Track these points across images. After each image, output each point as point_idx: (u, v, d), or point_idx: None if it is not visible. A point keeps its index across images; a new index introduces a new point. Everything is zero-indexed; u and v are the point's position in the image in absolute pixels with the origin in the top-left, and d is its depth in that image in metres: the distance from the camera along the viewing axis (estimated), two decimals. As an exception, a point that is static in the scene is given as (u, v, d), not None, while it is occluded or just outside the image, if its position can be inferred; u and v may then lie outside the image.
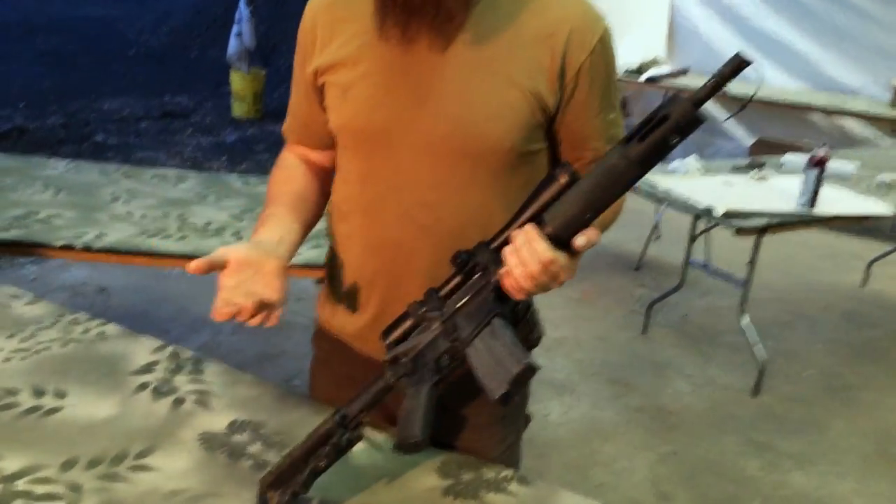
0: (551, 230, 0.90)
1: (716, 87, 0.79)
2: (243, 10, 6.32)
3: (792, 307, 3.85)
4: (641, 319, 3.48)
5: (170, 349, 1.36)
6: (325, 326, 1.27)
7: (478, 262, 0.95)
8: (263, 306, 0.97)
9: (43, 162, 2.50)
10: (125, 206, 2.16)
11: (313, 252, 1.89)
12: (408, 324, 1.00)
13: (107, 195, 2.23)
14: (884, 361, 3.38)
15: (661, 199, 2.87)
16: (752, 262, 2.88)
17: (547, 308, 1.11)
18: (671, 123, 0.81)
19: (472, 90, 1.03)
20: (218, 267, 0.98)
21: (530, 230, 0.90)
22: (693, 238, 3.24)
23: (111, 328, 1.43)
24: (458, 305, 0.96)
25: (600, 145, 1.11)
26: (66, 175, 2.37)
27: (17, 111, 6.01)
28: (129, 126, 6.02)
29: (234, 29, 6.35)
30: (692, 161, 3.13)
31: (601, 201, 0.87)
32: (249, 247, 1.02)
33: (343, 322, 1.22)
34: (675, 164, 3.14)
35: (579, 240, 0.89)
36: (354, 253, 1.17)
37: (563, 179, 0.89)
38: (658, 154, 0.83)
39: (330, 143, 1.18)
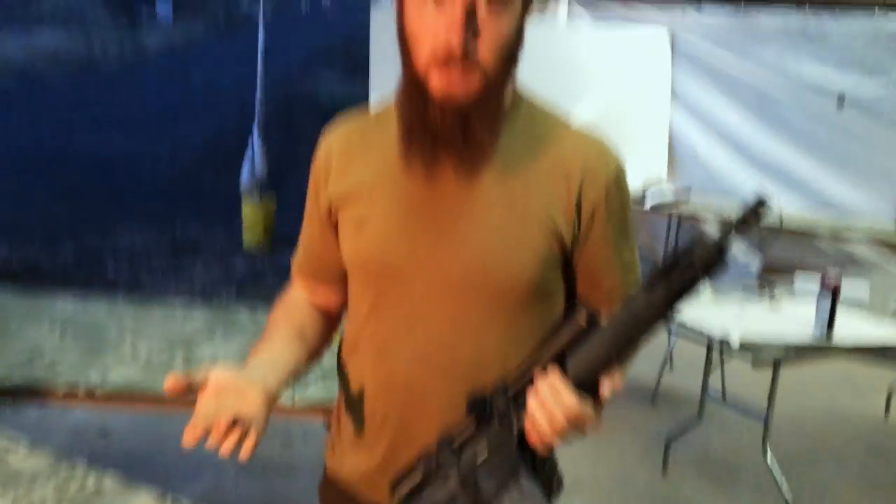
0: (575, 378, 0.87)
1: (738, 229, 0.81)
2: (255, 140, 6.50)
3: (815, 440, 3.71)
4: (660, 455, 3.34)
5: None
6: (332, 475, 1.20)
7: (495, 409, 0.91)
8: (238, 424, 0.91)
9: (51, 300, 2.49)
10: (131, 344, 2.13)
11: (322, 391, 1.84)
12: (419, 476, 0.94)
13: (113, 333, 2.20)
14: (916, 498, 3.22)
15: (673, 331, 2.82)
16: (771, 396, 2.80)
17: (562, 446, 1.06)
18: (696, 268, 0.82)
19: (492, 224, 1.02)
20: (196, 388, 0.93)
21: (556, 380, 0.87)
22: (709, 369, 3.17)
23: (108, 482, 1.37)
24: (478, 461, 0.91)
25: (616, 282, 1.09)
26: (73, 314, 2.35)
27: (31, 246, 6.08)
28: (140, 259, 6.07)
29: (247, 158, 6.51)
30: (702, 286, 3.10)
31: (626, 347, 0.86)
32: (235, 371, 0.97)
33: (352, 467, 1.16)
34: (686, 293, 3.11)
35: (605, 388, 0.87)
36: (364, 392, 1.12)
37: (582, 321, 0.87)
38: (683, 298, 0.84)
39: (341, 279, 1.15)
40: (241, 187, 6.51)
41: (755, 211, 0.81)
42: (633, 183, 4.26)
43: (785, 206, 5.60)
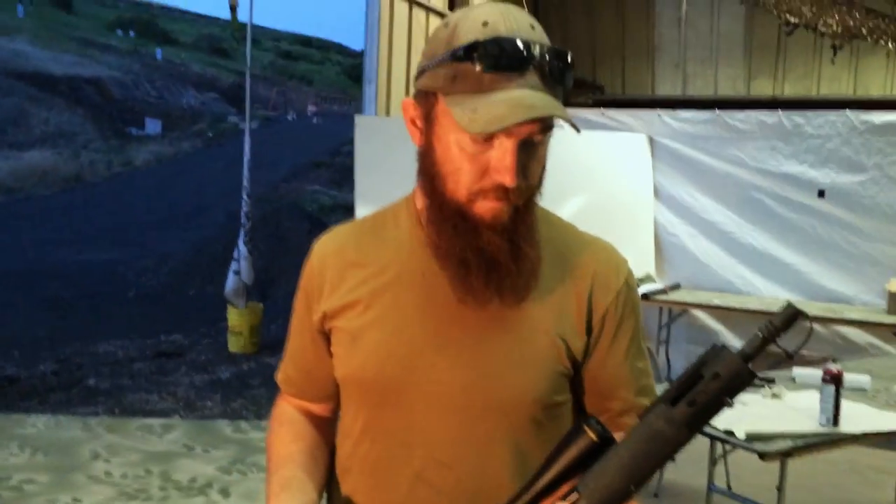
0: (590, 501, 0.78)
1: (766, 341, 0.75)
2: (241, 248, 6.50)
3: (827, 532, 3.55)
4: (668, 556, 3.18)
5: None
6: None
7: None
8: None
9: (23, 419, 2.38)
10: (105, 464, 2.02)
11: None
12: None
13: (86, 453, 2.09)
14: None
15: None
16: (780, 488, 2.68)
17: None
18: (722, 384, 0.74)
19: (496, 337, 0.96)
20: None
21: None
22: (713, 462, 3.05)
23: None
24: None
25: (629, 395, 1.03)
26: (45, 432, 2.24)
27: (10, 359, 5.96)
28: (122, 368, 5.94)
29: (233, 266, 6.48)
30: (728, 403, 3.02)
31: (646, 471, 0.78)
32: None
33: None
34: (684, 384, 3.03)
35: None
36: None
37: (592, 436, 0.79)
38: (709, 417, 0.76)
39: (333, 395, 1.08)
40: (226, 294, 6.45)
41: (786, 320, 0.75)
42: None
43: (776, 296, 5.61)
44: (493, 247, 0.94)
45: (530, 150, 0.93)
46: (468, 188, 0.93)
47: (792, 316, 0.74)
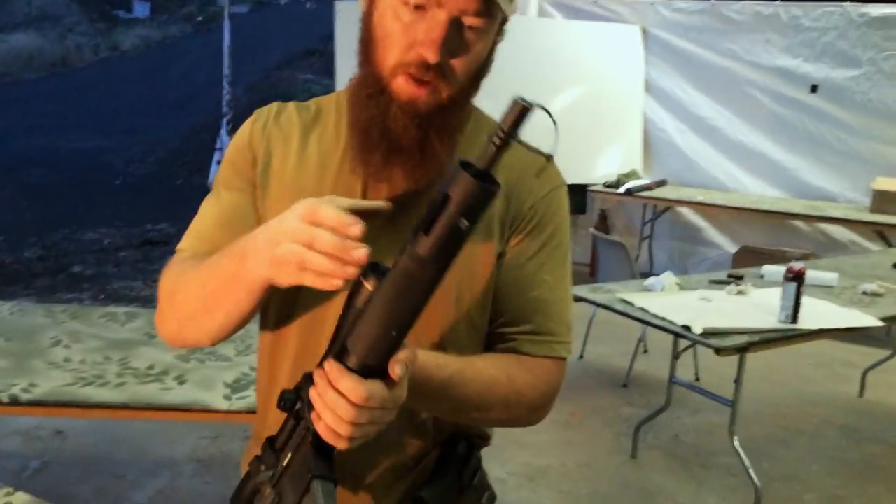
0: (356, 361, 0.74)
1: (499, 148, 0.67)
2: (224, 138, 6.43)
3: (787, 422, 3.68)
4: (630, 441, 3.30)
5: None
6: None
7: (304, 402, 0.79)
8: None
9: (-13, 306, 2.40)
10: (65, 350, 2.05)
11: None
12: (248, 487, 0.87)
13: (47, 340, 2.12)
14: (887, 479, 3.18)
15: (638, 318, 2.76)
16: (737, 382, 2.75)
17: (531, 433, 1.01)
18: (455, 208, 0.67)
19: (408, 224, 0.94)
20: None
21: (329, 367, 0.74)
22: (676, 356, 3.12)
23: (20, 498, 1.30)
24: (284, 463, 0.82)
25: (539, 298, 1.00)
26: (9, 318, 2.27)
27: (-2, 245, 5.98)
28: (108, 256, 5.98)
29: (216, 155, 6.43)
30: (668, 277, 3.05)
31: (404, 314, 0.72)
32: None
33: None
34: (651, 280, 3.05)
35: (396, 368, 0.73)
36: (268, 414, 1.03)
37: (370, 287, 0.73)
38: (453, 244, 0.69)
39: None
40: (209, 183, 6.43)
41: (515, 117, 0.66)
42: (609, 171, 4.23)
43: (762, 193, 5.59)
44: (399, 128, 0.91)
45: (464, 37, 0.89)
46: (393, 59, 0.89)
47: (521, 112, 0.66)
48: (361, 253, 0.72)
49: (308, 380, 0.78)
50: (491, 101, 1.01)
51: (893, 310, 2.94)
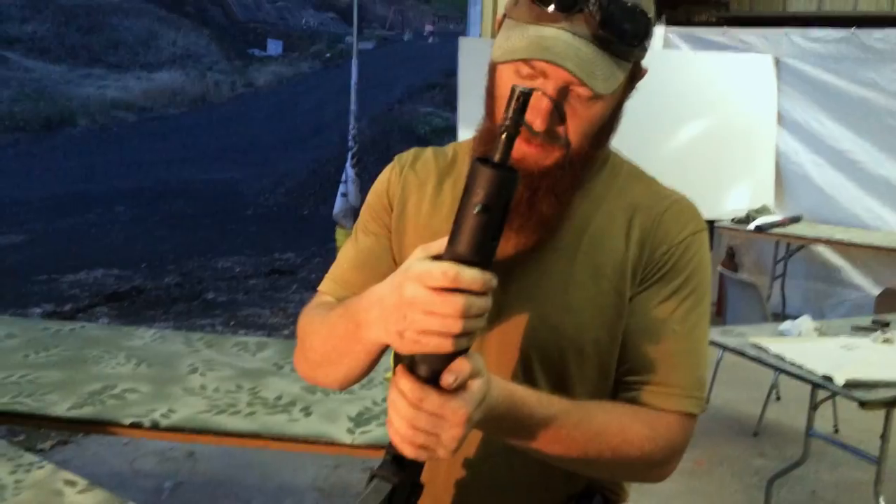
0: (423, 369, 0.75)
1: (508, 135, 0.70)
2: (349, 170, 6.61)
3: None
4: (762, 495, 3.11)
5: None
6: None
7: None
8: None
9: (131, 332, 2.55)
10: (201, 377, 2.14)
11: (382, 430, 1.79)
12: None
13: (185, 367, 2.22)
14: None
15: (773, 366, 2.61)
16: (883, 437, 2.54)
17: (638, 482, 0.97)
18: (477, 198, 0.71)
19: (553, 278, 0.95)
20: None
21: (398, 371, 0.76)
22: (814, 407, 2.92)
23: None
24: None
25: (669, 350, 0.96)
26: (150, 345, 2.39)
27: (139, 271, 6.38)
28: (239, 284, 6.26)
29: (341, 188, 6.62)
30: (805, 321, 2.87)
31: None
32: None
33: None
34: (787, 324, 2.88)
35: (447, 377, 0.73)
36: None
37: None
38: (485, 234, 0.71)
39: None
40: (334, 215, 6.62)
41: (520, 106, 0.69)
42: (738, 207, 4.03)
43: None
44: None
45: (576, 104, 0.88)
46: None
47: (520, 98, 0.69)
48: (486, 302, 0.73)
49: None
50: (616, 138, 1.00)
51: None
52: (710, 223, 5.38)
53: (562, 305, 0.94)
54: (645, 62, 0.94)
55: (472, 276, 0.70)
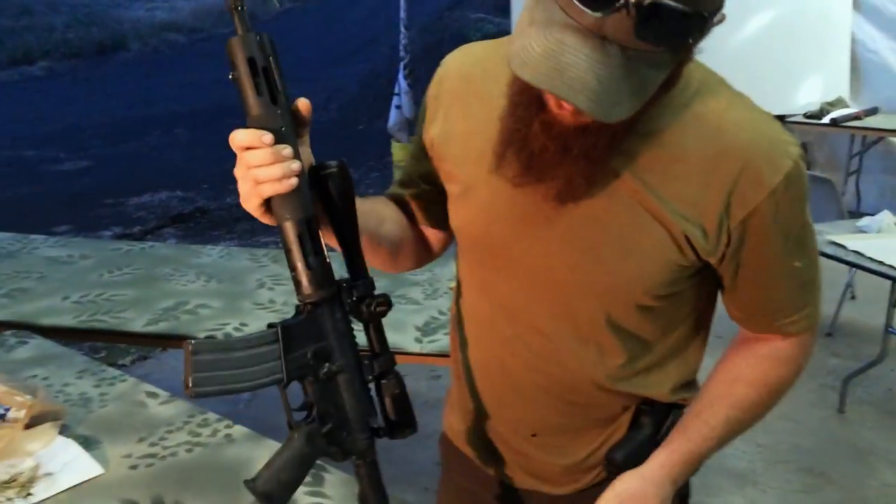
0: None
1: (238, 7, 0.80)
2: (402, 83, 6.50)
3: None
4: (837, 395, 3.06)
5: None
6: (445, 424, 1.18)
7: None
8: None
9: (199, 250, 2.58)
10: (269, 292, 2.16)
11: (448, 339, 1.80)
12: None
13: (253, 282, 2.24)
14: None
15: (852, 263, 2.51)
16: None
17: None
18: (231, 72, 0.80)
19: (610, 220, 0.86)
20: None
21: None
22: (894, 304, 2.82)
23: (238, 430, 1.39)
24: None
25: (783, 300, 0.94)
26: (218, 262, 2.42)
27: (201, 192, 6.48)
28: (298, 201, 6.31)
29: (394, 100, 6.53)
30: (886, 216, 2.74)
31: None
32: None
33: (452, 422, 1.15)
34: (866, 220, 2.76)
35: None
36: (463, 361, 1.06)
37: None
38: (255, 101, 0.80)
39: (429, 222, 1.07)
40: (389, 127, 6.56)
41: None
42: (811, 100, 3.80)
43: None
44: (538, 146, 0.82)
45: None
46: None
47: None
48: (288, 150, 0.78)
49: None
50: None
51: None
52: (781, 118, 5.14)
53: (618, 251, 0.87)
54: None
55: (237, 137, 0.78)
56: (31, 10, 15.25)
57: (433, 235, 1.09)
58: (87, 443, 1.34)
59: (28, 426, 1.32)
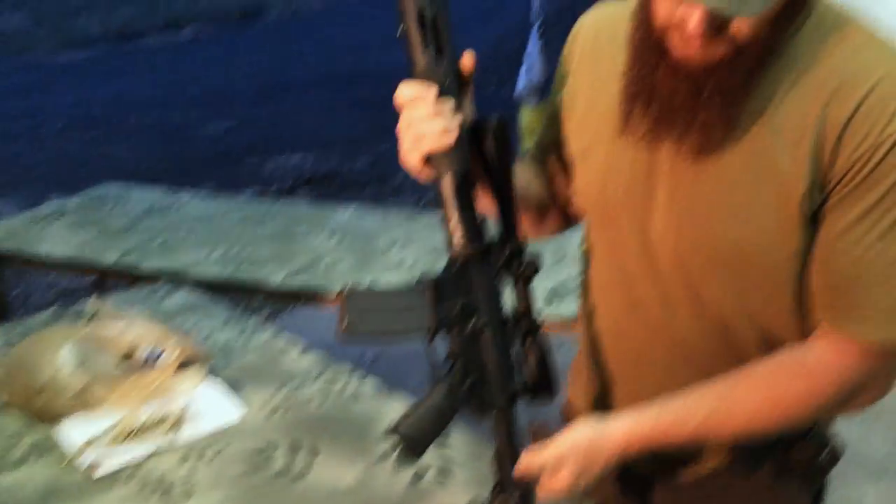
0: None
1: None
2: (534, 42, 6.40)
3: None
4: None
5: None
6: (568, 397, 1.16)
7: None
8: None
9: (332, 209, 2.66)
10: (399, 252, 2.22)
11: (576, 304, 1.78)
12: None
13: (384, 242, 2.30)
14: None
15: None
16: None
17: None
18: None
19: (720, 189, 0.82)
20: None
21: None
22: None
23: (367, 386, 1.43)
24: None
25: (860, 286, 0.80)
26: (350, 222, 2.50)
27: (332, 155, 6.68)
28: (426, 165, 6.39)
29: (525, 64, 6.45)
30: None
31: None
32: None
33: (572, 395, 1.13)
34: None
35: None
36: (585, 330, 1.05)
37: None
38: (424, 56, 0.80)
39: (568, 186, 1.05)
40: (517, 92, 6.49)
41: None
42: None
43: None
44: (666, 91, 0.79)
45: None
46: (662, 15, 0.77)
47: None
48: (451, 104, 0.79)
49: None
50: None
51: None
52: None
53: (728, 214, 0.82)
54: None
55: (405, 91, 0.79)
56: (181, -23, 16.08)
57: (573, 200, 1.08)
58: (231, 387, 1.42)
59: (178, 369, 1.42)
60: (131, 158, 6.66)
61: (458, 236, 0.81)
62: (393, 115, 0.80)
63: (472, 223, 0.82)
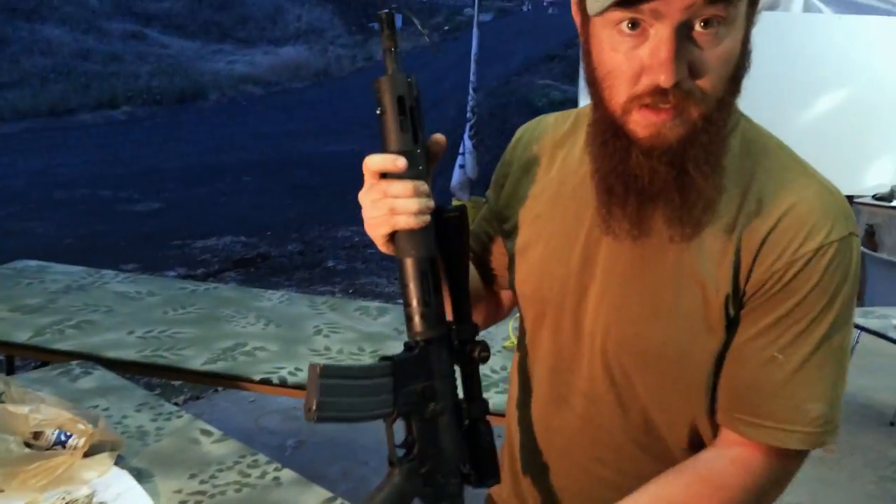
0: None
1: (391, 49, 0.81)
2: (467, 142, 6.61)
3: None
4: (899, 489, 2.92)
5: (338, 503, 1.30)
6: (491, 489, 1.14)
7: None
8: None
9: (260, 293, 2.64)
10: (325, 339, 2.20)
11: (500, 398, 1.79)
12: None
13: (310, 328, 2.29)
14: None
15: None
16: None
17: None
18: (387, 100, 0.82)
19: (643, 278, 0.84)
20: None
21: None
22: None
23: (286, 474, 1.40)
24: None
25: (762, 382, 0.82)
26: (278, 306, 2.48)
27: (264, 239, 6.65)
28: (357, 253, 6.41)
29: (459, 160, 6.63)
30: None
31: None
32: None
33: (498, 489, 1.11)
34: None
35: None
36: (513, 423, 1.05)
37: None
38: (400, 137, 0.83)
39: (498, 281, 1.09)
40: (451, 187, 6.65)
41: (389, 26, 0.80)
42: (881, 182, 3.74)
43: None
44: (645, 174, 0.78)
45: (702, 41, 0.73)
46: (622, 95, 0.76)
47: (387, 18, 0.80)
48: (426, 187, 0.81)
49: None
50: (747, 105, 0.84)
51: None
52: (850, 198, 5.05)
53: (656, 313, 0.84)
54: (782, 27, 0.82)
55: (374, 161, 0.81)
56: (121, 57, 16.08)
57: (504, 294, 1.12)
58: (141, 475, 1.37)
59: (86, 454, 1.36)
60: (52, 234, 6.48)
61: (417, 319, 0.82)
62: (324, 202, 0.82)
63: (435, 307, 0.83)
